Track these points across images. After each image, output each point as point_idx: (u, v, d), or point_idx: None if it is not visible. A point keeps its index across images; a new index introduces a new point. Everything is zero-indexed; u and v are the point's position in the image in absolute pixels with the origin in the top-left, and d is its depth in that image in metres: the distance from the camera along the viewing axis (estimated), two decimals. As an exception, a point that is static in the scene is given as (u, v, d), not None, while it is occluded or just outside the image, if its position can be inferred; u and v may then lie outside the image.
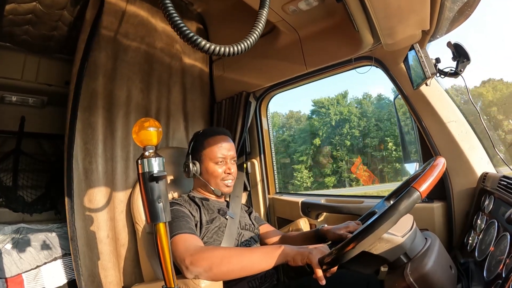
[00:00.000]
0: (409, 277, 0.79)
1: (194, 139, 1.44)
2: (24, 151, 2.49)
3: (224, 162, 1.37)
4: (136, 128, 0.78)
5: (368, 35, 1.30)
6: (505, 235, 0.85)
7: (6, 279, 1.60)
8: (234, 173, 1.40)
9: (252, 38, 0.70)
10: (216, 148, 1.36)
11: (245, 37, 0.70)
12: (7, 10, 1.57)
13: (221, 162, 1.36)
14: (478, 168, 1.29)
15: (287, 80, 1.84)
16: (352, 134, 27.20)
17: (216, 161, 1.35)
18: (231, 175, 1.38)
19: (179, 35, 0.63)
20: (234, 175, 1.41)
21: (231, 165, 1.39)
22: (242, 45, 0.68)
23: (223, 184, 1.37)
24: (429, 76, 1.13)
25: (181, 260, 0.99)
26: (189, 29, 0.63)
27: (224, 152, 1.36)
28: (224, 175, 1.37)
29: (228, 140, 1.41)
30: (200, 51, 0.65)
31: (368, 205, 1.51)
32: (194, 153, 1.41)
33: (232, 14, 1.86)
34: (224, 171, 1.37)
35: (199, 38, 0.64)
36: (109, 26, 1.57)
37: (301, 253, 0.94)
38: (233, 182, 1.41)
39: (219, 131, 1.43)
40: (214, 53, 0.66)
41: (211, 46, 0.65)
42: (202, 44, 0.64)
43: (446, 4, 1.03)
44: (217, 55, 0.67)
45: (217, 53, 0.66)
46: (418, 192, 0.75)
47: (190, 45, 0.64)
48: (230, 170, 1.38)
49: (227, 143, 1.39)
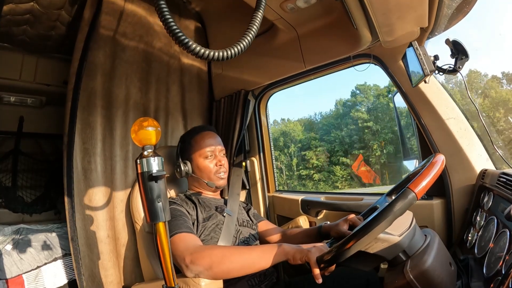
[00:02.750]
0: (409, 274, 0.79)
1: (181, 141, 1.47)
2: (23, 151, 2.49)
3: (214, 156, 1.40)
4: (135, 128, 0.78)
5: (367, 33, 1.29)
6: (505, 232, 0.85)
7: (7, 280, 1.60)
8: (225, 164, 1.42)
9: (245, 41, 0.70)
10: (203, 144, 1.39)
11: (238, 40, 0.70)
12: (4, 10, 1.56)
13: (210, 156, 1.39)
14: (477, 165, 1.29)
15: (286, 78, 1.83)
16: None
17: (206, 156, 1.38)
18: (223, 167, 1.40)
19: (173, 40, 0.63)
20: (226, 167, 1.43)
21: (221, 158, 1.41)
22: (235, 49, 0.68)
23: (216, 177, 1.38)
24: (428, 73, 1.13)
25: (181, 259, 0.99)
26: (184, 34, 0.63)
27: (212, 146, 1.39)
28: (216, 168, 1.38)
29: (214, 135, 1.44)
30: (195, 56, 0.65)
31: (368, 202, 1.51)
32: (183, 153, 1.43)
33: (231, 12, 1.85)
34: (215, 164, 1.39)
35: (194, 44, 0.64)
36: (107, 25, 1.57)
37: (300, 251, 0.94)
38: (226, 174, 1.42)
39: (203, 128, 1.47)
40: (207, 58, 0.66)
41: (205, 51, 0.65)
42: (197, 49, 0.64)
43: (444, 1, 1.03)
44: (211, 60, 0.67)
45: (211, 58, 0.66)
46: (413, 193, 0.75)
47: (185, 50, 0.64)
48: (221, 162, 1.40)
49: (214, 137, 1.43)
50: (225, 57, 0.67)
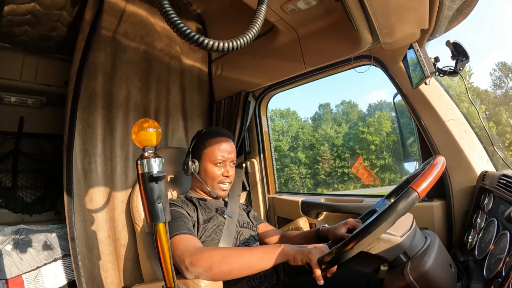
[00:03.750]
0: (409, 276, 0.79)
1: (196, 138, 1.44)
2: (23, 151, 2.49)
3: (223, 165, 1.37)
4: (136, 129, 0.77)
5: (367, 34, 1.30)
6: (505, 234, 0.85)
7: (7, 280, 1.60)
8: (231, 176, 1.40)
9: (251, 33, 0.69)
10: (217, 149, 1.35)
11: (243, 33, 0.69)
12: (5, 11, 1.56)
13: (220, 164, 1.36)
14: (477, 167, 1.29)
15: (286, 79, 1.84)
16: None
17: (215, 163, 1.35)
18: (228, 179, 1.38)
19: (175, 32, 0.63)
20: (232, 178, 1.41)
21: (229, 168, 1.38)
22: (240, 41, 0.68)
23: (219, 187, 1.37)
24: (428, 75, 1.13)
25: (181, 260, 0.99)
26: (186, 25, 0.63)
27: (224, 154, 1.36)
28: (221, 178, 1.36)
29: (230, 143, 1.40)
30: (198, 47, 0.64)
31: (368, 204, 1.51)
32: (194, 151, 1.40)
33: (232, 14, 1.86)
34: (222, 174, 1.36)
35: (197, 34, 0.63)
36: (109, 26, 1.57)
37: (301, 252, 0.94)
38: (229, 186, 1.41)
39: (222, 132, 1.42)
40: (212, 49, 0.65)
41: (209, 41, 0.64)
42: (200, 40, 0.63)
43: (445, 2, 1.03)
44: (215, 50, 0.66)
45: (216, 48, 0.65)
46: (416, 193, 0.75)
47: (188, 41, 0.63)
48: (228, 173, 1.37)
49: (229, 146, 1.38)
50: (226, 48, 0.67)
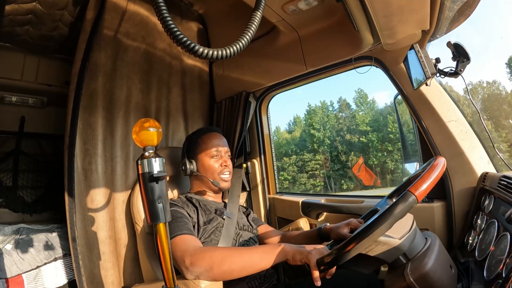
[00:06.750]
0: (409, 277, 0.79)
1: (188, 140, 1.48)
2: (24, 151, 2.50)
3: (219, 156, 1.41)
4: (136, 129, 0.77)
5: (368, 35, 1.30)
6: (505, 235, 0.85)
7: (7, 280, 1.60)
8: (230, 166, 1.43)
9: (243, 41, 0.70)
10: (210, 143, 1.40)
11: (236, 40, 0.70)
12: (6, 11, 1.56)
13: (216, 156, 1.40)
14: (478, 168, 1.29)
15: (287, 80, 1.84)
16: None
17: (212, 155, 1.39)
18: (227, 168, 1.41)
19: (172, 39, 0.64)
20: (230, 168, 1.44)
21: (226, 159, 1.42)
22: (233, 48, 0.69)
23: (220, 178, 1.39)
24: (429, 76, 1.13)
25: (181, 261, 0.99)
26: (182, 33, 0.63)
27: (218, 146, 1.41)
28: (221, 168, 1.39)
29: (221, 136, 1.47)
30: (193, 55, 0.65)
31: (369, 204, 1.51)
32: (189, 152, 1.44)
33: (233, 14, 1.86)
34: (221, 164, 1.40)
35: (192, 43, 0.64)
36: (110, 26, 1.57)
37: (300, 252, 0.94)
38: (230, 176, 1.43)
39: (211, 129, 1.49)
40: (207, 57, 0.66)
41: (204, 50, 0.65)
42: (196, 48, 0.64)
43: (446, 3, 1.03)
44: (209, 59, 0.67)
45: (210, 56, 0.66)
46: (414, 196, 0.75)
47: (183, 49, 0.64)
48: (226, 163, 1.41)
49: (220, 139, 1.45)
50: (222, 56, 0.68)
